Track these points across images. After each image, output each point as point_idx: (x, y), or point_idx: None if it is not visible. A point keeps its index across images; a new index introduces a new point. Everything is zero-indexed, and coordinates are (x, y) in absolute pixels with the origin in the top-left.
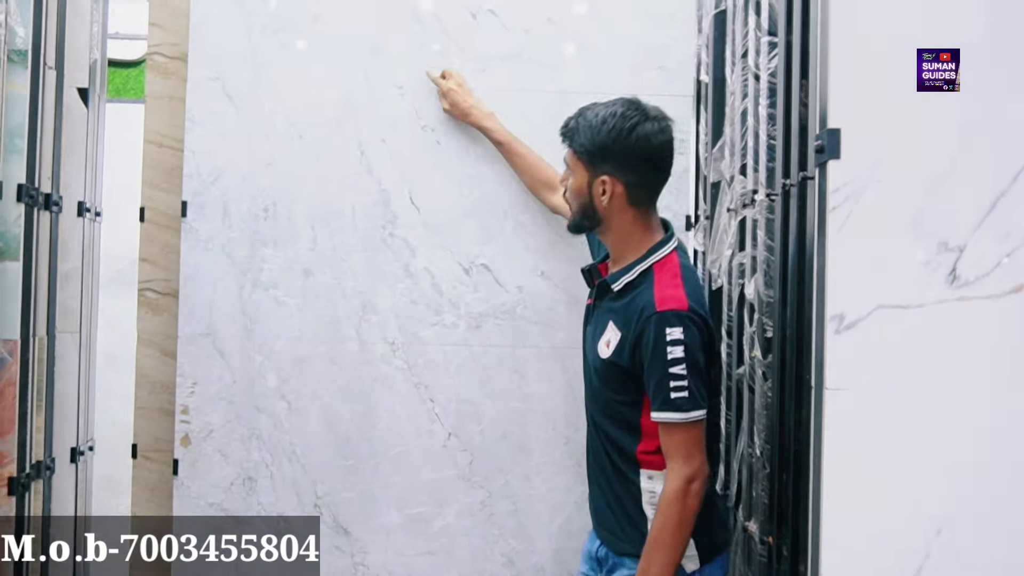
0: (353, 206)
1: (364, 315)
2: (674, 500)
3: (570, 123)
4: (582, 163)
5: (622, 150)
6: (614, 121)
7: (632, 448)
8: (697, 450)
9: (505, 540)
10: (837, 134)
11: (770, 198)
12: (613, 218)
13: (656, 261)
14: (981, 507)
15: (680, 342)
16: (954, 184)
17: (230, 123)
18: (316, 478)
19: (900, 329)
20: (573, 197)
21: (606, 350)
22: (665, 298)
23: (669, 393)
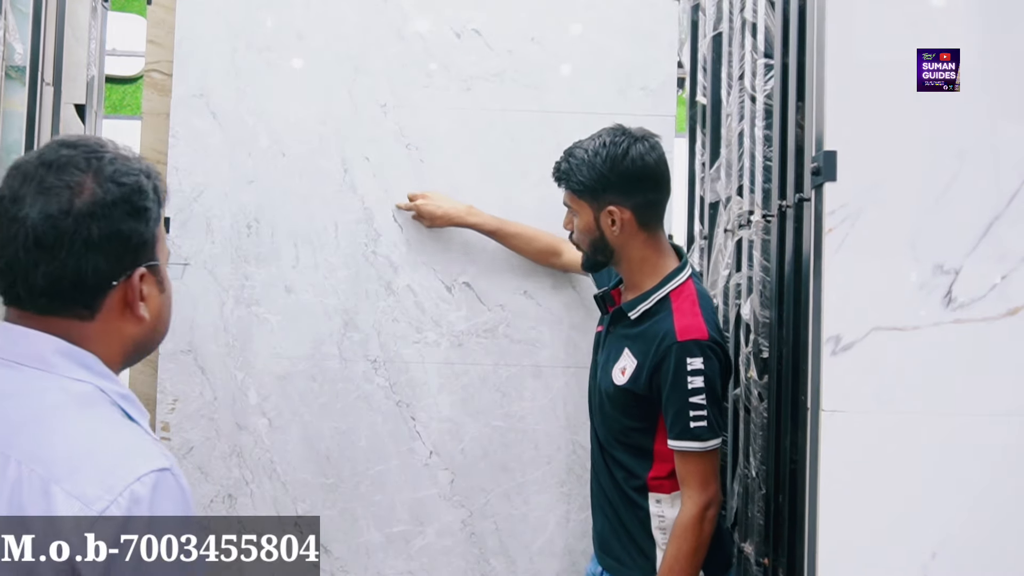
0: (336, 223)
1: (346, 332)
2: (690, 527)
3: (561, 166)
4: (584, 201)
5: (620, 176)
6: (605, 151)
7: (644, 473)
8: (713, 478)
9: (486, 560)
10: (833, 156)
11: (766, 219)
12: (626, 246)
13: (673, 289)
14: (977, 530)
15: (701, 372)
16: (950, 207)
17: (213, 140)
18: (297, 496)
19: (896, 351)
20: (583, 237)
21: (621, 377)
22: (686, 327)
23: (688, 423)
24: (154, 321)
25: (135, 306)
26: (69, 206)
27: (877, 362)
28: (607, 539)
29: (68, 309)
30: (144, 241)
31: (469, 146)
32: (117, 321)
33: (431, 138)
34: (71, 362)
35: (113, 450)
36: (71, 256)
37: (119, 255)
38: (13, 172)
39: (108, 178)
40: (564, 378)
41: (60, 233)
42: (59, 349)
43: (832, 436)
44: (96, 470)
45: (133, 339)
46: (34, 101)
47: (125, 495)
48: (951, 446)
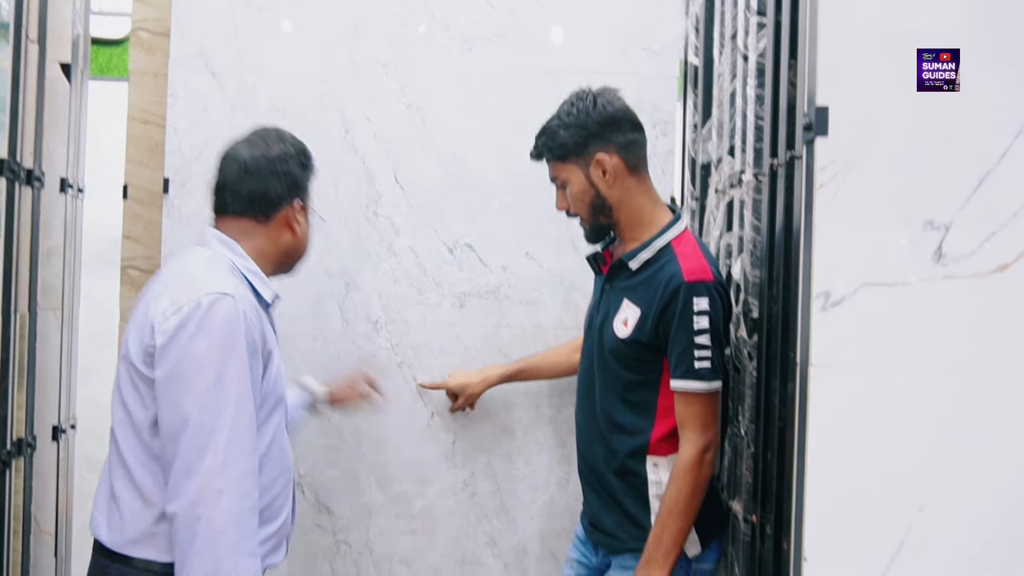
0: (337, 184)
1: (348, 293)
2: (690, 469)
3: (539, 144)
4: (571, 163)
5: (597, 123)
6: (574, 108)
7: (647, 431)
8: (712, 421)
9: (487, 520)
10: (825, 112)
11: (757, 178)
12: (623, 198)
13: (673, 237)
14: (963, 485)
15: (706, 313)
16: (941, 163)
17: (213, 100)
18: (298, 456)
19: (886, 307)
20: (580, 203)
21: (624, 328)
22: (692, 269)
23: (693, 363)
24: (302, 238)
25: (293, 222)
26: (267, 151)
27: (867, 317)
28: (598, 514)
29: (252, 213)
30: (304, 185)
31: (470, 106)
32: (281, 229)
33: (432, 98)
34: (222, 244)
35: (205, 278)
36: (264, 179)
37: (289, 187)
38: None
39: (289, 142)
40: (566, 338)
41: (259, 165)
42: (216, 236)
43: (821, 391)
44: (191, 286)
45: (287, 245)
46: (19, 58)
47: (193, 302)
48: (939, 401)
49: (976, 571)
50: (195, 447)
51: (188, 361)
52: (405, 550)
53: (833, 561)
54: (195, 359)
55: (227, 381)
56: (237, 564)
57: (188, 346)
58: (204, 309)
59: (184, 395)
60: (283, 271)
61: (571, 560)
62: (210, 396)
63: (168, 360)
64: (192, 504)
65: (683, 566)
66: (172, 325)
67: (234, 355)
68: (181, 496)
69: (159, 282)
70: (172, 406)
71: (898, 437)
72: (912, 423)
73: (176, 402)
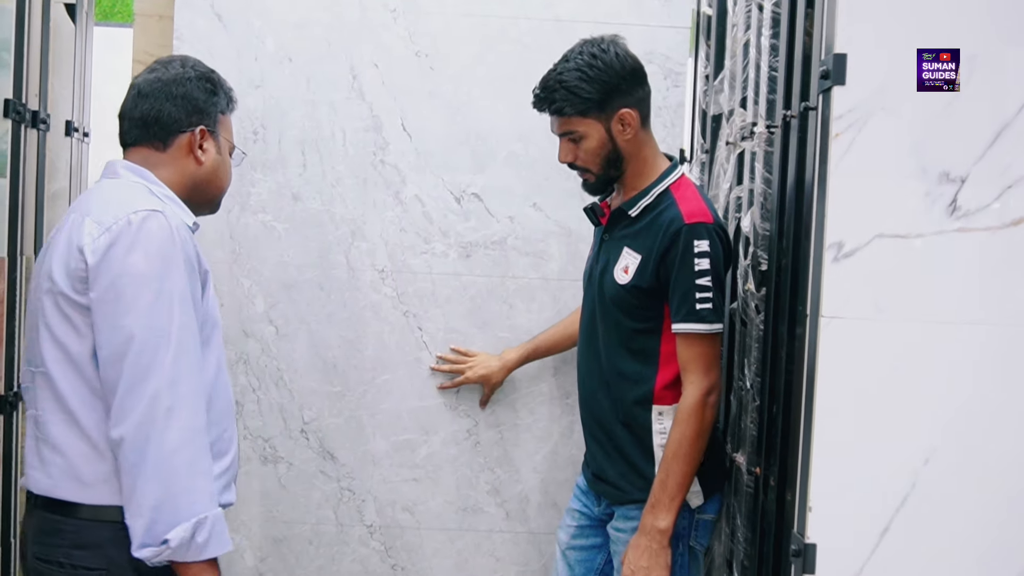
0: (344, 131)
1: (354, 242)
2: (694, 411)
3: (555, 96)
4: (592, 117)
5: (622, 78)
6: (597, 61)
7: (651, 381)
8: (715, 363)
9: (490, 469)
10: (843, 59)
11: (770, 130)
12: (635, 150)
13: (672, 183)
14: (969, 439)
15: (707, 254)
16: (958, 114)
17: (219, 43)
18: (303, 403)
19: (898, 259)
20: (593, 157)
21: (624, 276)
22: (692, 212)
23: (695, 304)
24: (210, 170)
25: (194, 150)
26: (163, 74)
27: (878, 269)
28: (601, 465)
29: (149, 140)
30: (207, 110)
31: (479, 54)
32: (182, 159)
33: (441, 45)
34: (131, 172)
35: (129, 200)
36: (158, 102)
37: (188, 111)
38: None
39: (191, 66)
40: (572, 290)
41: (153, 88)
42: (125, 165)
43: (830, 342)
44: (113, 208)
45: (191, 175)
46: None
47: (123, 219)
48: (949, 355)
49: (981, 525)
50: (140, 366)
51: (126, 278)
52: (408, 497)
53: (838, 513)
54: (132, 275)
55: (168, 296)
56: (192, 486)
57: (124, 262)
58: (136, 226)
59: (124, 314)
60: (202, 208)
61: (572, 510)
62: (152, 312)
63: (103, 279)
64: (139, 425)
65: (686, 516)
66: (103, 244)
67: (173, 269)
68: (127, 419)
69: (76, 212)
70: (112, 327)
71: (906, 390)
72: (921, 376)
73: (116, 322)
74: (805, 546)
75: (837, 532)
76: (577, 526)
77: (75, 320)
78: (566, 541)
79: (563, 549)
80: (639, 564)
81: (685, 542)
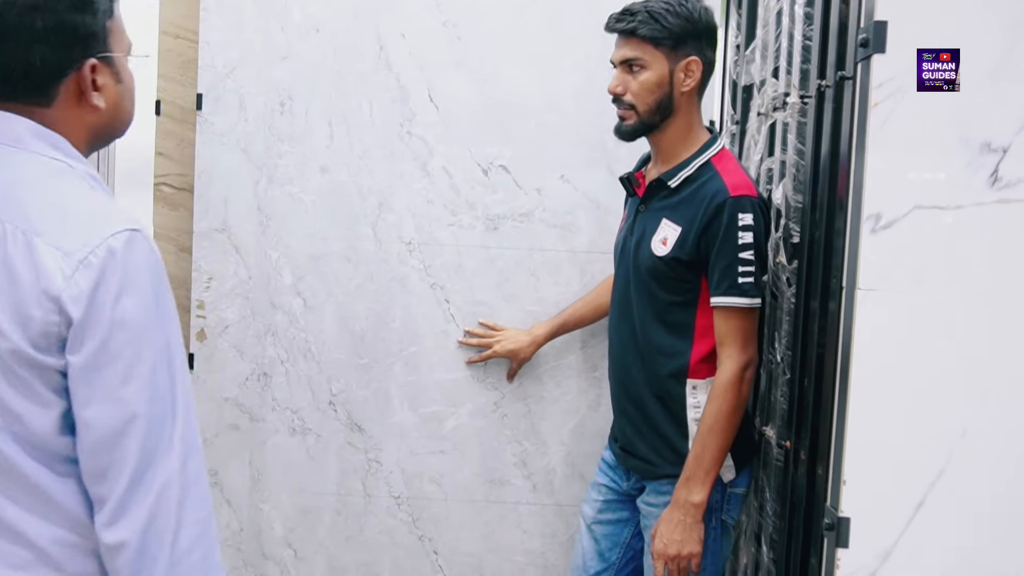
0: (371, 102)
1: (381, 214)
2: (730, 386)
3: (636, 19)
4: (662, 51)
5: (704, 28)
6: (686, 3)
7: (686, 354)
8: (752, 338)
9: (517, 441)
10: (884, 27)
11: (803, 100)
12: (682, 108)
13: (714, 155)
14: (1007, 413)
15: (751, 228)
16: (1002, 82)
17: (246, 13)
18: (331, 375)
19: (937, 231)
20: (646, 94)
21: (663, 248)
22: (737, 184)
23: (737, 278)
24: (112, 109)
25: (88, 95)
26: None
27: (917, 241)
28: (631, 440)
29: (24, 96)
30: (92, 33)
31: (506, 23)
32: (75, 109)
33: (469, 15)
34: (43, 142)
35: (88, 211)
36: (19, 46)
37: (66, 46)
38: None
39: None
40: (600, 263)
41: (6, 25)
42: (31, 129)
43: (867, 315)
44: (74, 225)
45: (92, 126)
46: None
47: (101, 248)
48: (987, 328)
49: (1018, 499)
50: (145, 452)
51: (119, 337)
52: (435, 469)
53: (872, 486)
54: (128, 332)
55: (167, 348)
56: None
57: (113, 315)
58: (120, 257)
59: (123, 385)
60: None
61: (597, 484)
62: (155, 376)
63: (91, 339)
64: (146, 529)
65: (719, 490)
66: (84, 287)
67: (168, 311)
68: (129, 521)
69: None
70: (107, 400)
71: (943, 363)
72: (958, 350)
73: (113, 395)
74: (839, 519)
75: (871, 506)
76: (603, 500)
77: (35, 386)
78: (592, 515)
79: (588, 523)
80: (672, 538)
81: (718, 516)
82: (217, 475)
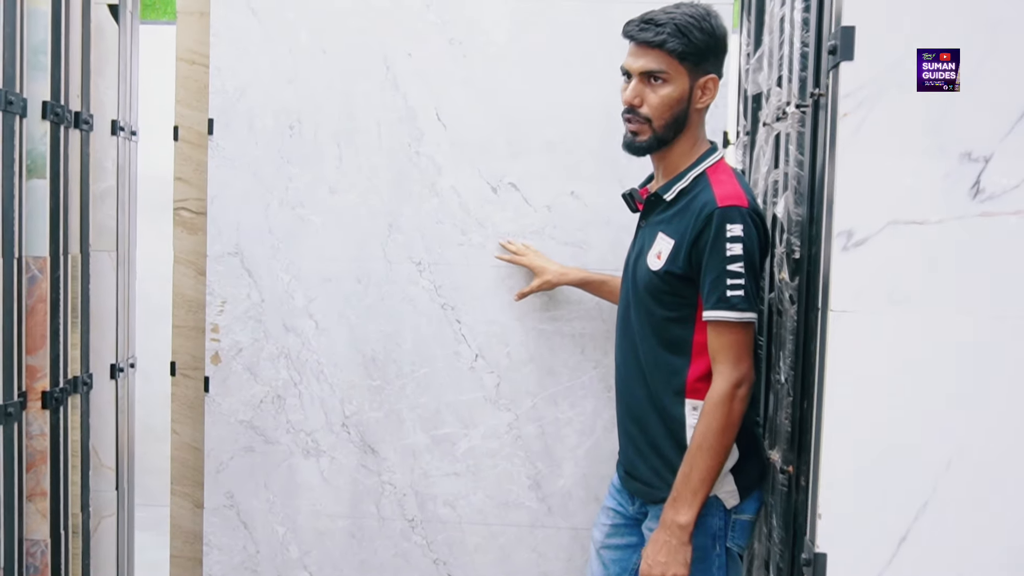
0: (378, 123)
1: (390, 234)
2: (720, 404)
3: (664, 28)
4: (686, 66)
5: (721, 46)
6: (710, 17)
7: (683, 372)
8: (746, 354)
9: (532, 463)
10: (851, 33)
11: (801, 110)
12: (692, 124)
13: (709, 166)
14: (996, 442)
15: (739, 239)
16: (981, 86)
17: (254, 38)
18: (343, 397)
19: (915, 247)
20: (664, 109)
21: (657, 262)
22: (726, 195)
23: (725, 291)
24: None
25: None
26: None
27: (893, 259)
28: (633, 461)
29: None
30: None
31: (514, 39)
32: None
33: (474, 31)
34: None
35: None
36: None
37: None
38: None
39: None
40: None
41: None
42: None
43: (840, 338)
44: None
45: None
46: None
47: None
48: (971, 351)
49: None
50: None
51: None
52: (449, 492)
53: (850, 520)
54: None
55: None
56: None
57: None
58: None
59: None
60: None
61: (606, 508)
62: None
63: None
64: None
65: (722, 516)
66: None
67: None
68: None
69: None
70: None
71: (925, 390)
72: (941, 375)
73: None
74: (815, 555)
75: (850, 541)
76: (612, 524)
77: None
78: (600, 540)
79: (597, 548)
80: (657, 559)
81: (722, 543)
82: (233, 497)
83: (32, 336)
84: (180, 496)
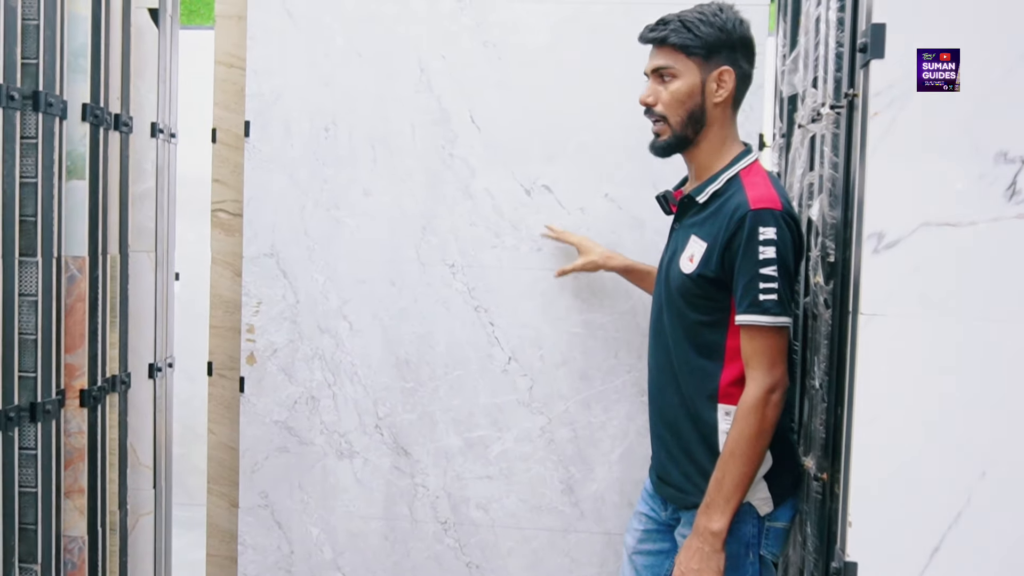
0: (413, 125)
1: (424, 237)
2: (754, 409)
3: (667, 28)
4: (695, 60)
5: (738, 38)
6: (723, 13)
7: (716, 377)
8: (780, 359)
9: (564, 467)
10: (882, 30)
11: (835, 111)
12: (716, 121)
13: (743, 168)
14: None
15: (772, 242)
16: (1017, 85)
17: (290, 41)
18: (377, 399)
19: (948, 250)
20: (678, 105)
21: (690, 265)
22: (759, 198)
23: (758, 295)
24: None
25: None
26: None
27: (925, 261)
28: (665, 466)
29: None
30: None
31: (548, 41)
32: None
33: (509, 34)
34: None
35: None
36: None
37: None
38: None
39: None
40: None
41: None
42: None
43: (870, 342)
44: None
45: None
46: (98, 5)
47: None
48: (1006, 357)
49: None
50: None
51: None
52: (482, 495)
53: (882, 529)
54: None
55: None
56: None
57: None
58: None
59: None
60: None
61: (639, 514)
62: None
63: None
64: None
65: (755, 524)
66: None
67: None
68: None
69: None
70: None
71: (959, 397)
72: (975, 381)
73: None
74: (845, 564)
75: (881, 550)
76: (644, 530)
77: None
78: (633, 545)
79: (630, 554)
80: (690, 566)
81: (755, 551)
82: (268, 497)
83: (71, 335)
84: (217, 495)
